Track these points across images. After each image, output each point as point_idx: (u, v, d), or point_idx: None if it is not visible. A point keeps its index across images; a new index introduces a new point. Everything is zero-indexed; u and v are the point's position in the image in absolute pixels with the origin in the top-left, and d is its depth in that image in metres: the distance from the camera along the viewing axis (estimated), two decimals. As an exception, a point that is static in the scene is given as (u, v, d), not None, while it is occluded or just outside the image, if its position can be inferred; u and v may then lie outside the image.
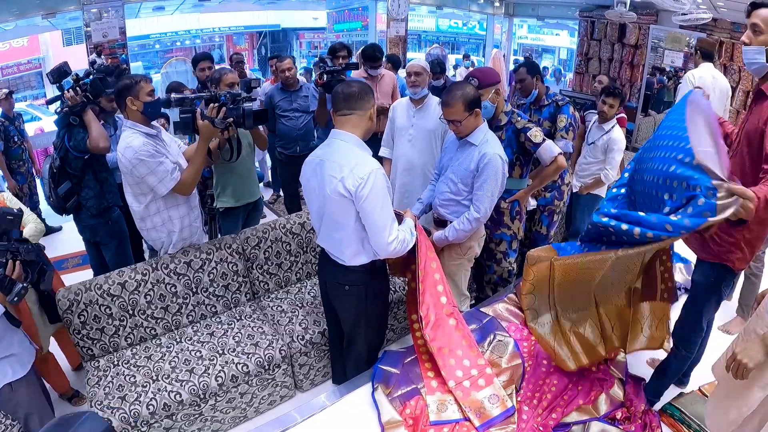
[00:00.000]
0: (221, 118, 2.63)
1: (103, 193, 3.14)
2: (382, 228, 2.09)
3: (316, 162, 2.19)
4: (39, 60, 13.04)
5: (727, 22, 6.83)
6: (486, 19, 12.75)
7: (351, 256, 2.24)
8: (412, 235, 2.27)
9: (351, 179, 2.02)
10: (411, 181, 3.43)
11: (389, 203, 2.12)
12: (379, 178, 2.05)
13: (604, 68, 8.79)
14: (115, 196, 3.21)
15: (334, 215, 2.17)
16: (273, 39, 17.04)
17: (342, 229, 2.18)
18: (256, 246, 3.07)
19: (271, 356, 2.69)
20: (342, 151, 2.11)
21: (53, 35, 11.99)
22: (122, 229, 3.28)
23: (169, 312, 2.84)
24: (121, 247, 3.28)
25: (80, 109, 2.88)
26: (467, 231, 2.64)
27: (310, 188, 2.26)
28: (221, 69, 3.37)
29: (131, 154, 2.47)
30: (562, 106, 3.40)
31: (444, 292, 2.40)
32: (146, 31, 14.22)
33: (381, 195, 2.06)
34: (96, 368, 2.59)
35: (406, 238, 2.20)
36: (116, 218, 3.24)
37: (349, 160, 2.06)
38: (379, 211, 2.07)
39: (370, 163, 2.07)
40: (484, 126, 2.59)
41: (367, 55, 4.47)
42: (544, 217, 3.59)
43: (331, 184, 2.08)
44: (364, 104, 2.13)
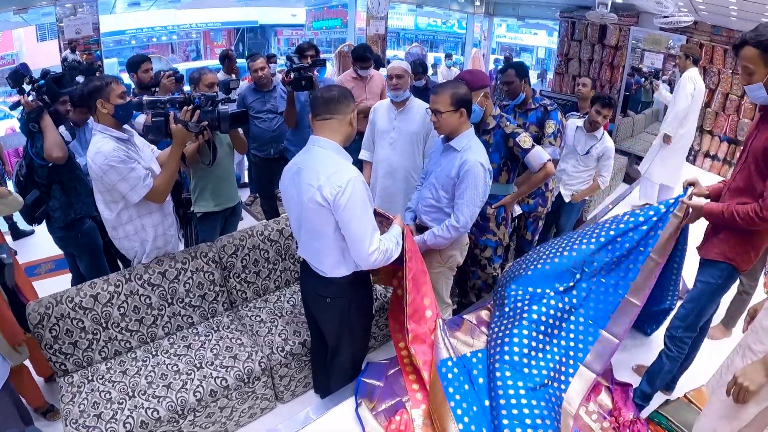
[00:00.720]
0: (195, 122, 2.51)
1: (71, 203, 3.00)
2: (361, 238, 2.01)
3: (293, 170, 2.10)
4: (12, 56, 12.68)
5: (707, 25, 6.90)
6: (465, 18, 12.73)
7: (331, 267, 2.16)
8: (398, 245, 2.19)
9: (328, 187, 1.94)
10: (392, 184, 3.36)
11: (370, 212, 2.05)
12: (358, 186, 1.97)
13: (584, 69, 8.82)
14: (86, 207, 3.07)
15: (313, 225, 2.09)
16: (252, 35, 16.82)
17: (321, 239, 2.10)
18: (233, 254, 2.97)
19: (250, 369, 2.61)
20: (320, 158, 2.02)
21: (27, 30, 11.66)
22: (93, 241, 3.14)
23: (144, 324, 2.73)
24: (94, 260, 3.16)
25: (36, 115, 2.75)
26: (446, 239, 2.58)
27: (288, 196, 2.17)
28: (200, 69, 3.25)
29: (101, 159, 2.34)
30: (550, 111, 3.33)
31: (430, 305, 2.35)
32: (122, 27, 13.90)
33: (360, 204, 1.98)
34: (70, 384, 2.49)
35: (389, 248, 2.11)
36: (87, 230, 3.10)
37: (327, 168, 1.98)
38: (358, 220, 1.98)
39: (348, 170, 1.99)
40: (469, 132, 2.52)
41: (357, 55, 4.38)
42: (529, 223, 3.57)
43: (309, 192, 2.00)
44: (344, 108, 2.05)
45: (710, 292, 2.26)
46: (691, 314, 2.31)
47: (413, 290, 2.30)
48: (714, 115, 7.02)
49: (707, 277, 2.25)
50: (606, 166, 3.83)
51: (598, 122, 3.70)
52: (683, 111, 4.75)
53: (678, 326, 2.36)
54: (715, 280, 2.23)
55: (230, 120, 2.66)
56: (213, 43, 16.31)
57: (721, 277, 2.21)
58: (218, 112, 2.60)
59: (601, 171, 3.85)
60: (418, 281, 2.32)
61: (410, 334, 2.29)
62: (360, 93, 4.36)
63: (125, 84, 3.59)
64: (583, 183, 3.90)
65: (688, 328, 2.34)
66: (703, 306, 2.29)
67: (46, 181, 2.90)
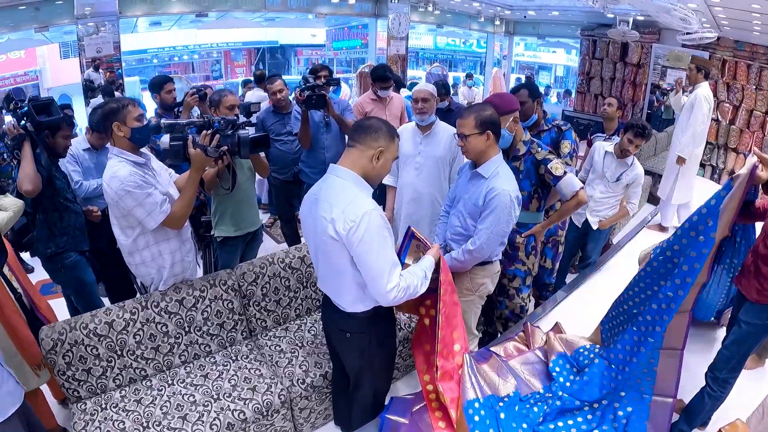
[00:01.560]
0: (215, 147, 2.44)
1: (53, 236, 2.87)
2: (378, 275, 1.87)
3: (311, 199, 2.01)
4: (36, 72, 12.91)
5: (730, 40, 6.79)
6: (485, 37, 12.72)
7: (350, 302, 2.05)
8: (425, 279, 2.05)
9: (342, 222, 1.83)
10: (417, 210, 3.27)
11: (388, 246, 1.91)
12: (374, 220, 1.84)
13: (606, 87, 8.72)
14: (72, 241, 2.92)
15: (329, 259, 1.99)
16: (271, 55, 16.96)
17: (337, 273, 2.00)
18: (253, 282, 2.88)
19: (269, 402, 2.51)
20: (335, 189, 1.92)
21: (51, 48, 11.88)
22: (78, 277, 2.99)
23: (160, 352, 2.66)
24: (80, 298, 3.04)
25: (17, 143, 2.66)
26: (460, 262, 2.49)
27: (306, 227, 2.08)
28: (220, 90, 3.21)
29: (117, 184, 2.27)
30: (565, 131, 3.21)
31: (459, 338, 2.24)
32: (144, 46, 14.12)
33: (376, 239, 1.85)
34: (83, 411, 2.42)
35: (412, 284, 1.96)
36: (70, 265, 2.95)
37: (341, 200, 1.87)
38: (374, 256, 1.86)
39: (364, 203, 1.86)
40: (497, 157, 2.42)
41: (376, 75, 4.30)
42: (548, 249, 3.39)
43: (322, 224, 1.89)
44: (368, 140, 1.93)
45: (756, 334, 2.14)
46: (735, 357, 2.19)
47: (445, 325, 2.19)
48: (739, 132, 6.87)
49: (754, 318, 2.12)
50: (635, 192, 3.71)
51: (628, 150, 3.57)
52: (700, 134, 4.65)
53: (722, 368, 2.23)
54: (763, 321, 2.10)
55: (251, 144, 2.59)
56: (234, 63, 16.49)
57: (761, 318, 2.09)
58: (238, 137, 2.53)
59: (631, 198, 3.73)
60: (450, 316, 2.20)
61: (439, 371, 2.18)
62: (380, 115, 4.27)
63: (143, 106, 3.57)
64: (611, 209, 3.77)
65: (732, 370, 2.21)
66: (750, 347, 2.17)
67: (31, 209, 2.82)
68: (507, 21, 11.51)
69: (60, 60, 12.14)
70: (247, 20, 13.10)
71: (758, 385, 2.68)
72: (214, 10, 8.42)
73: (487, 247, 2.41)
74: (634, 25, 7.46)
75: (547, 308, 3.38)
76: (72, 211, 2.92)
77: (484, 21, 11.23)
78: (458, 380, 2.23)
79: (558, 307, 3.42)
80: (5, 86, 12.47)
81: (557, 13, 9.31)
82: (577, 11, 8.65)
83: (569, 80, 13.21)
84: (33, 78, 12.93)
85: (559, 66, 16.89)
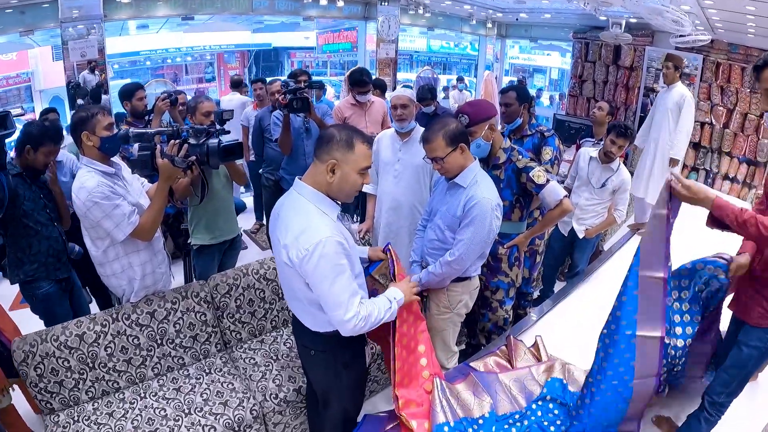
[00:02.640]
0: (182, 157, 2.36)
1: (21, 263, 2.71)
2: (334, 305, 1.77)
3: (275, 215, 1.91)
4: (28, 74, 12.86)
5: (724, 43, 6.74)
6: (478, 40, 12.67)
7: (312, 323, 1.96)
8: (389, 309, 1.93)
9: (295, 249, 1.73)
10: (396, 220, 3.19)
11: (345, 276, 1.77)
12: (328, 249, 1.71)
13: (599, 91, 8.67)
14: (43, 269, 2.74)
15: (287, 282, 1.91)
16: (264, 58, 16.89)
17: (296, 297, 1.92)
18: (227, 294, 2.81)
19: (241, 417, 2.44)
20: (294, 209, 1.82)
21: (43, 50, 11.81)
22: (49, 309, 2.83)
23: (133, 365, 2.60)
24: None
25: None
26: (438, 275, 2.40)
27: (273, 242, 1.97)
28: (197, 97, 3.15)
29: (85, 195, 2.22)
30: (548, 137, 3.14)
31: (428, 365, 2.17)
32: (136, 48, 14.05)
33: (330, 269, 1.73)
34: (55, 423, 2.38)
35: (373, 313, 1.84)
36: (41, 297, 2.78)
37: (297, 225, 1.76)
38: (328, 287, 1.75)
39: (320, 230, 1.73)
40: (473, 165, 2.34)
41: (354, 80, 4.22)
42: (526, 258, 3.26)
43: (276, 248, 1.82)
44: (322, 154, 1.79)
45: (758, 357, 2.08)
46: (734, 380, 2.13)
47: (406, 355, 2.12)
48: (733, 136, 6.81)
49: (755, 341, 2.06)
50: (622, 199, 3.61)
51: (613, 152, 3.48)
52: (689, 134, 4.65)
53: (720, 392, 2.16)
54: (764, 344, 2.04)
55: (223, 153, 2.52)
56: (227, 65, 16.42)
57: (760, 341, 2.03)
58: (207, 146, 2.46)
59: (617, 204, 3.63)
60: (411, 347, 2.13)
61: (400, 400, 2.11)
62: (359, 120, 4.23)
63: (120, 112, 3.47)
64: (597, 216, 3.68)
65: (730, 394, 2.15)
66: (750, 371, 2.11)
67: (2, 231, 2.71)
68: (499, 24, 11.45)
69: (52, 62, 12.06)
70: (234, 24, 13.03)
71: (751, 403, 2.60)
72: (201, 14, 8.35)
73: (466, 258, 2.33)
74: (627, 27, 7.40)
75: (532, 319, 3.33)
76: (43, 236, 2.73)
77: (476, 24, 11.17)
78: (428, 407, 2.16)
79: (544, 317, 3.36)
80: (-2, 88, 12.45)
81: (549, 16, 9.26)
82: (570, 14, 8.61)
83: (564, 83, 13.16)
84: (25, 80, 12.88)
85: (554, 69, 16.87)
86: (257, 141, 4.41)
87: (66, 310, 2.89)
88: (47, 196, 2.83)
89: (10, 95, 12.74)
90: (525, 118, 3.19)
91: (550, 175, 3.02)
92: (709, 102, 7.04)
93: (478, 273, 2.52)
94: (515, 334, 3.07)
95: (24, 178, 2.71)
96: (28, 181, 2.73)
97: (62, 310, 2.87)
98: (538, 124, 3.26)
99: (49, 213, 2.79)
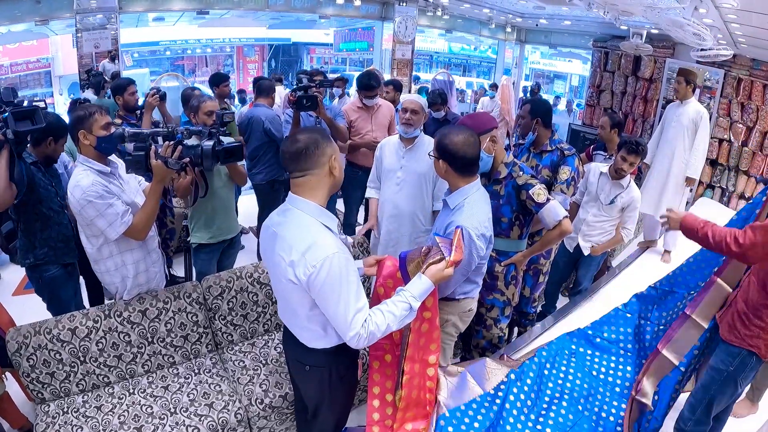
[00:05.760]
0: (176, 159, 2.34)
1: (33, 247, 2.78)
2: (342, 321, 1.74)
3: (270, 233, 1.86)
4: (48, 60, 13.06)
5: (746, 59, 6.57)
6: (497, 44, 12.54)
7: (309, 339, 1.93)
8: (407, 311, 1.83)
9: (302, 267, 1.69)
10: (397, 228, 3.15)
11: (352, 291, 1.74)
12: (336, 264, 1.69)
13: (617, 101, 8.51)
14: (53, 253, 2.81)
15: (288, 300, 1.87)
16: (284, 52, 16.94)
17: (297, 314, 1.88)
18: (219, 296, 2.81)
19: (225, 420, 2.44)
20: (296, 226, 1.77)
21: (64, 36, 11.97)
22: (55, 293, 2.90)
23: (123, 361, 2.63)
24: (53, 310, 2.94)
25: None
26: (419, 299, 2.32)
27: (266, 258, 1.93)
28: (200, 96, 3.13)
29: (79, 193, 2.24)
30: (567, 156, 3.06)
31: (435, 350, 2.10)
32: (156, 38, 14.18)
33: (338, 284, 1.70)
34: (45, 413, 2.43)
35: (381, 326, 1.77)
36: (47, 280, 2.85)
37: (302, 241, 1.72)
38: (334, 303, 1.72)
39: (326, 246, 1.71)
40: (466, 188, 2.21)
41: (362, 84, 4.16)
42: (529, 277, 3.21)
43: (281, 266, 1.76)
44: (317, 160, 1.76)
45: (721, 381, 2.00)
46: (699, 405, 2.06)
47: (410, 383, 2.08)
48: (751, 154, 6.64)
49: (718, 363, 2.00)
50: (631, 217, 3.51)
51: (624, 170, 3.39)
52: (705, 152, 4.53)
53: (688, 419, 2.10)
54: (726, 366, 1.97)
55: (222, 155, 2.50)
56: (246, 59, 16.50)
57: (733, 363, 1.95)
58: (201, 148, 2.43)
59: (626, 222, 3.53)
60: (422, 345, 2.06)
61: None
62: (365, 124, 4.19)
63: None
64: (604, 234, 3.58)
65: (698, 422, 2.07)
66: (713, 395, 2.02)
67: (15, 216, 2.77)
68: (519, 29, 11.31)
69: (72, 48, 12.24)
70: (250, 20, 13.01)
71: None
72: (217, 8, 8.36)
73: (454, 284, 2.28)
74: (648, 38, 7.24)
75: (531, 336, 3.26)
76: (55, 222, 2.82)
77: (495, 27, 11.04)
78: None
79: (544, 334, 3.29)
80: (18, 72, 12.66)
81: (569, 23, 9.12)
82: (590, 21, 8.46)
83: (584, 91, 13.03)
84: (45, 65, 13.09)
85: (574, 76, 16.69)
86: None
87: (69, 295, 2.96)
88: (58, 184, 2.93)
89: (29, 79, 12.97)
90: (541, 132, 3.12)
91: (562, 195, 2.96)
92: (728, 118, 6.86)
93: (470, 297, 2.42)
94: (514, 349, 3.02)
95: (38, 166, 2.82)
96: (42, 170, 2.84)
97: (66, 294, 2.94)
98: (559, 141, 3.17)
99: (60, 200, 2.88)
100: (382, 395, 2.22)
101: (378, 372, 2.23)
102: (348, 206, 4.62)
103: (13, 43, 11.44)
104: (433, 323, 2.03)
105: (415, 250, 2.03)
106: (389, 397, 2.21)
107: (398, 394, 2.12)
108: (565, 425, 2.29)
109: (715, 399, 2.05)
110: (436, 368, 2.13)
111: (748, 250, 1.78)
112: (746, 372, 1.98)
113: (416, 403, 2.14)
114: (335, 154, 1.81)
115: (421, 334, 2.04)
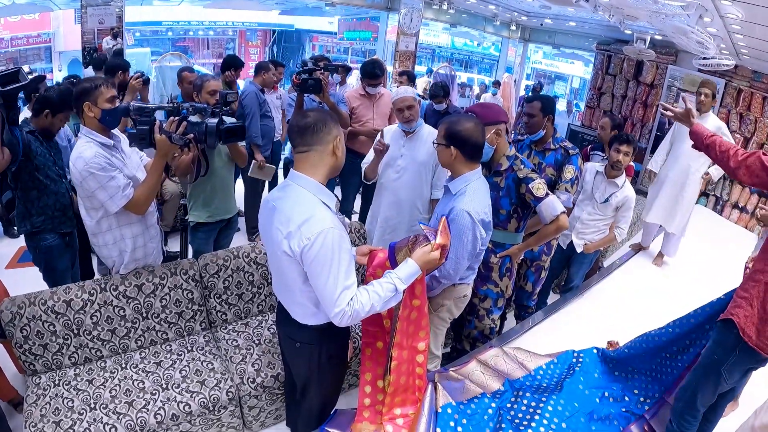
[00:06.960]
0: (180, 134, 2.35)
1: (29, 215, 2.81)
2: (329, 296, 1.75)
3: (269, 206, 1.89)
4: (48, 35, 12.94)
5: (748, 70, 6.61)
6: (501, 41, 12.53)
7: (302, 315, 1.95)
8: (392, 292, 1.84)
9: (297, 238, 1.72)
10: (395, 216, 3.17)
11: (343, 267, 1.76)
12: (329, 239, 1.71)
13: (617, 105, 8.55)
14: (49, 221, 2.85)
15: (282, 272, 1.89)
16: (286, 39, 16.84)
17: (290, 288, 1.90)
18: (215, 274, 2.82)
19: (216, 397, 2.46)
20: (294, 200, 1.80)
21: (66, 12, 11.85)
22: (50, 262, 2.92)
23: (117, 335, 2.63)
24: (48, 280, 2.97)
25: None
26: (430, 290, 2.38)
27: (264, 234, 1.96)
28: (204, 75, 3.13)
29: (81, 165, 2.24)
30: (572, 155, 3.08)
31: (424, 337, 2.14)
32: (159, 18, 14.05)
33: (329, 259, 1.72)
34: (36, 385, 2.43)
35: (366, 305, 1.79)
36: (44, 249, 2.88)
37: (300, 214, 1.75)
38: (324, 277, 1.74)
39: (322, 220, 1.74)
40: (468, 175, 2.27)
41: (366, 71, 4.17)
42: (530, 273, 3.27)
43: (277, 238, 1.79)
44: (323, 137, 1.79)
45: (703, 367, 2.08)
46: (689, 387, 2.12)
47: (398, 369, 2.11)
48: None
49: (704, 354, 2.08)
50: (625, 217, 3.56)
51: (620, 161, 3.43)
52: None
53: (679, 400, 2.16)
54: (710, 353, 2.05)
55: (224, 134, 2.51)
56: (248, 43, 16.40)
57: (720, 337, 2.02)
58: (206, 125, 2.45)
59: (619, 222, 3.58)
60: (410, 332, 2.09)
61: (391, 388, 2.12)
62: (366, 112, 4.21)
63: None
64: (598, 232, 3.63)
65: (687, 405, 2.13)
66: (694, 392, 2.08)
67: (13, 184, 2.78)
68: (523, 27, 11.30)
69: (74, 24, 12.11)
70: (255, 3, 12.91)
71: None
72: (223, -9, 8.30)
73: (455, 273, 2.31)
74: (651, 44, 7.26)
75: (520, 330, 3.30)
76: (52, 190, 2.85)
77: (500, 25, 11.00)
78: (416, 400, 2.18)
79: (532, 329, 3.33)
80: (18, 46, 12.54)
81: (574, 24, 9.12)
82: (595, 24, 8.46)
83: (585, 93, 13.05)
84: (46, 40, 12.97)
85: (575, 77, 16.71)
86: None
87: (65, 265, 2.98)
88: (57, 155, 2.96)
89: (29, 53, 12.85)
90: (549, 130, 3.13)
91: (566, 194, 2.99)
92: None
93: (465, 282, 2.47)
94: (501, 343, 3.06)
95: (37, 136, 2.85)
96: (40, 139, 2.86)
97: (61, 264, 2.96)
98: (561, 139, 3.19)
99: (58, 169, 2.90)
100: (374, 381, 2.25)
101: (370, 359, 2.27)
102: (345, 193, 4.66)
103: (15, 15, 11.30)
104: (422, 311, 2.07)
105: (403, 240, 2.07)
106: (380, 383, 2.24)
107: (387, 379, 2.16)
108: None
109: (695, 397, 2.09)
110: (425, 355, 2.16)
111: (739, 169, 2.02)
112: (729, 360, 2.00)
113: (405, 389, 2.18)
114: (340, 136, 1.85)
115: (410, 321, 2.07)
